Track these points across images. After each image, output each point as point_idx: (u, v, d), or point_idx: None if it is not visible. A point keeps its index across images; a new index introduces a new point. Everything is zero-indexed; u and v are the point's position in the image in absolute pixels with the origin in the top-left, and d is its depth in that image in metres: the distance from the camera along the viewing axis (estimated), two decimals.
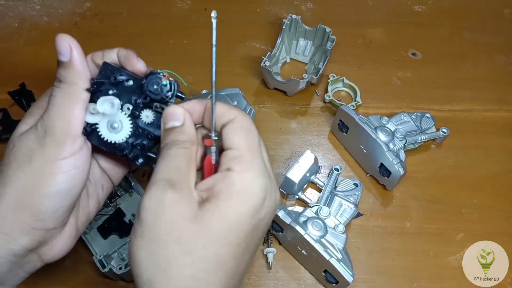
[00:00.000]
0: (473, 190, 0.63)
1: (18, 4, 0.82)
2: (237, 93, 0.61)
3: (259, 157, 0.31)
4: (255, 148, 0.32)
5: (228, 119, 0.33)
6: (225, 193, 0.29)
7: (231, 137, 0.32)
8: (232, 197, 0.29)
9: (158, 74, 0.36)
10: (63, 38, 0.33)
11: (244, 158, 0.30)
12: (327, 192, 0.59)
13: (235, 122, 0.32)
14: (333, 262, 0.50)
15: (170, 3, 0.83)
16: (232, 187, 0.30)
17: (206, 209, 0.29)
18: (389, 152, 0.58)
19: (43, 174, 0.33)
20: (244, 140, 0.31)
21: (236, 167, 0.30)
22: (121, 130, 0.36)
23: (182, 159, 0.31)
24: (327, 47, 0.70)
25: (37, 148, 0.33)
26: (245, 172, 0.30)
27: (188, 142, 0.32)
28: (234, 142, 0.31)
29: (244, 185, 0.30)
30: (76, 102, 0.33)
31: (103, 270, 0.50)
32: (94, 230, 0.55)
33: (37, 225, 0.34)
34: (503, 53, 0.78)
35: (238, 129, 0.32)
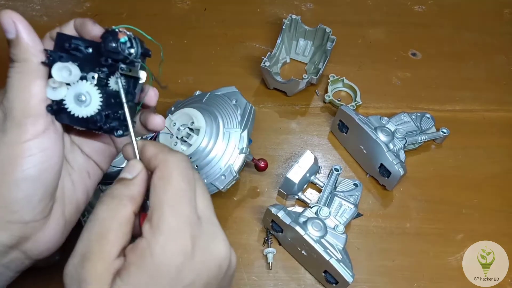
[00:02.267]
0: (473, 190, 0.63)
1: (18, 4, 0.82)
2: (234, 92, 0.61)
3: (175, 213, 0.27)
4: (171, 203, 0.27)
5: (154, 166, 0.29)
6: (135, 265, 0.26)
7: (151, 195, 0.28)
8: (143, 270, 0.26)
9: (113, 31, 0.31)
10: (5, 14, 0.30)
11: (154, 220, 0.27)
12: (327, 193, 0.59)
13: (156, 173, 0.28)
14: (333, 262, 0.50)
15: (170, 3, 0.84)
16: (142, 257, 0.26)
17: (116, 285, 0.26)
18: (389, 153, 0.58)
19: (7, 160, 0.30)
20: (160, 197, 0.27)
21: (146, 233, 0.27)
22: (90, 102, 0.32)
23: (110, 223, 0.27)
24: (327, 47, 0.70)
25: (0, 134, 0.30)
26: (155, 238, 0.26)
27: (127, 198, 0.29)
28: (152, 201, 0.28)
29: (154, 254, 0.26)
30: (32, 79, 0.30)
31: None
32: None
33: (12, 218, 0.31)
34: (503, 53, 0.78)
35: (158, 183, 0.28)
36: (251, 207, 0.60)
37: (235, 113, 0.58)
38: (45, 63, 0.31)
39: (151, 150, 0.30)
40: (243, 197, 0.61)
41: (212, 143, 0.55)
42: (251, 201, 0.61)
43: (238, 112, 0.58)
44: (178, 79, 0.73)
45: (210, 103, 0.59)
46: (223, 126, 0.56)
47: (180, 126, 0.57)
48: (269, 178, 0.63)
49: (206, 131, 0.55)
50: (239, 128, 0.56)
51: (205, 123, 0.55)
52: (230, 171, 0.54)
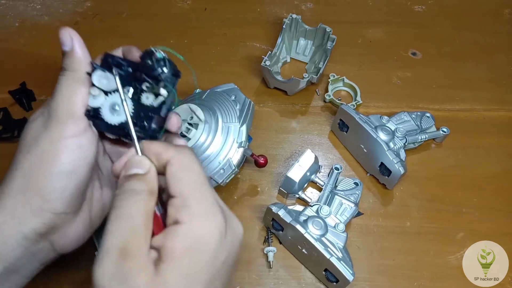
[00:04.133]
0: (473, 190, 0.63)
1: (19, 3, 0.82)
2: (233, 88, 0.61)
3: (206, 197, 0.30)
4: (201, 189, 0.30)
5: (165, 160, 0.31)
6: (178, 249, 0.28)
7: (172, 184, 0.30)
8: (187, 251, 0.28)
9: (151, 51, 0.36)
10: (65, 30, 0.36)
11: (190, 206, 0.29)
12: (327, 191, 0.59)
13: (173, 164, 0.31)
14: (334, 261, 0.50)
15: (170, 3, 0.84)
16: (184, 241, 0.28)
17: (162, 271, 0.27)
18: (389, 151, 0.58)
19: (48, 153, 0.34)
20: (187, 185, 0.30)
21: (184, 218, 0.29)
22: (122, 112, 0.36)
23: (139, 219, 0.29)
24: (328, 47, 0.70)
25: (43, 130, 0.34)
26: (194, 221, 0.29)
27: (146, 192, 0.30)
28: (177, 189, 0.30)
29: (196, 236, 0.28)
30: (78, 85, 0.35)
31: None
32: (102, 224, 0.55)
33: (46, 207, 0.34)
34: (503, 53, 0.78)
35: (178, 173, 0.30)
36: (251, 205, 0.60)
37: (234, 108, 0.58)
38: (89, 73, 0.36)
39: (156, 147, 0.32)
40: (243, 195, 0.61)
41: (211, 138, 0.55)
42: (251, 200, 0.61)
43: (237, 107, 0.58)
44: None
45: (210, 99, 0.59)
46: (222, 121, 0.56)
47: None
48: (269, 177, 0.63)
49: (205, 125, 0.55)
50: (238, 123, 0.56)
51: (204, 118, 0.55)
52: (229, 164, 0.54)
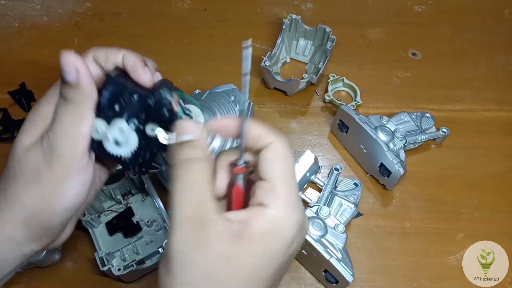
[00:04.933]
0: (473, 190, 0.63)
1: (18, 4, 0.82)
2: (233, 89, 0.61)
3: (294, 190, 0.30)
4: (291, 180, 0.30)
5: (264, 143, 0.31)
6: (259, 230, 0.28)
7: (266, 168, 0.30)
8: (266, 235, 0.28)
9: (166, 100, 0.33)
10: (68, 57, 0.32)
11: (279, 193, 0.29)
12: (327, 192, 0.59)
13: (271, 150, 0.30)
14: (333, 261, 0.50)
15: (170, 3, 0.84)
16: (267, 224, 0.28)
17: (239, 247, 0.28)
18: (389, 152, 0.58)
19: (52, 194, 0.33)
20: (280, 172, 0.30)
21: (272, 203, 0.29)
22: (126, 145, 0.35)
23: (203, 187, 0.29)
24: (327, 47, 0.70)
25: (45, 167, 0.33)
26: (281, 209, 0.29)
27: (203, 159, 0.30)
28: (270, 174, 0.30)
29: (279, 223, 0.29)
30: (83, 122, 0.33)
31: (102, 268, 0.50)
32: (102, 225, 0.55)
33: (47, 234, 0.35)
34: (503, 53, 0.78)
35: (275, 159, 0.30)
36: None
37: (234, 109, 0.58)
38: (97, 107, 0.34)
39: (259, 130, 0.31)
40: None
41: (210, 138, 0.55)
42: None
43: (237, 108, 0.58)
44: (178, 78, 0.73)
45: (209, 100, 0.59)
46: None
47: None
48: None
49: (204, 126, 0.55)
50: None
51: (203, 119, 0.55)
52: None
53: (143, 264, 0.52)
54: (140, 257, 0.52)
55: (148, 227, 0.55)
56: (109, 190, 0.56)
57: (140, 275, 0.54)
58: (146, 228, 0.55)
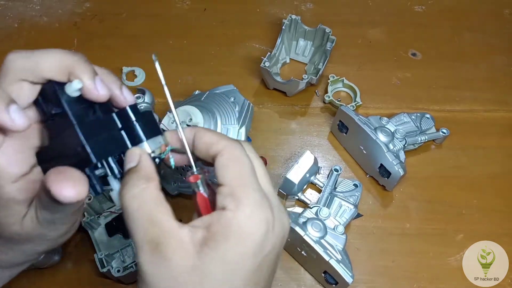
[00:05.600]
0: (473, 191, 0.63)
1: (18, 4, 0.82)
2: (232, 90, 0.61)
3: (254, 189, 0.30)
4: (249, 180, 0.30)
5: (216, 150, 0.31)
6: (222, 234, 0.28)
7: (221, 173, 0.30)
8: (230, 239, 0.28)
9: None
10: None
11: (237, 195, 0.29)
12: (326, 193, 0.59)
13: (223, 155, 0.30)
14: (333, 263, 0.50)
15: (170, 3, 0.83)
16: (229, 227, 0.28)
17: (204, 254, 0.27)
18: (389, 153, 0.58)
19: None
20: (234, 174, 0.30)
21: (230, 205, 0.28)
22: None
23: (151, 207, 0.29)
24: (327, 48, 0.69)
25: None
26: (240, 210, 0.28)
27: (146, 180, 0.29)
28: (225, 178, 0.30)
29: (241, 224, 0.28)
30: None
31: (101, 269, 0.50)
32: (101, 226, 0.55)
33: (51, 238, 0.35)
34: (503, 53, 0.78)
35: (227, 162, 0.30)
36: None
37: (233, 110, 0.58)
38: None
39: (209, 138, 0.31)
40: None
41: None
42: None
43: (236, 109, 0.58)
44: (177, 79, 0.73)
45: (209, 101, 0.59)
46: (221, 123, 0.56)
47: None
48: None
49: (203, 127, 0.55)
50: (237, 124, 0.56)
51: (203, 120, 0.55)
52: None
53: None
54: None
55: None
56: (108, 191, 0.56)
57: None
58: None
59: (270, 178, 0.32)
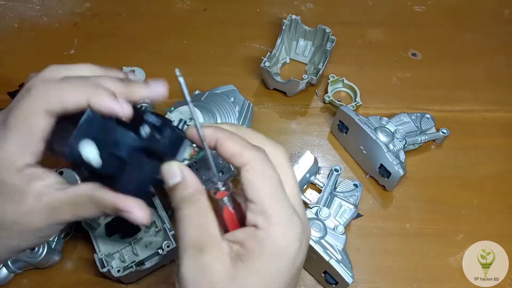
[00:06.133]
0: (473, 191, 0.63)
1: (18, 4, 0.82)
2: (232, 90, 0.61)
3: (283, 206, 0.30)
4: (278, 196, 0.30)
5: (240, 163, 0.31)
6: (258, 251, 0.29)
7: (249, 190, 0.30)
8: (265, 256, 0.29)
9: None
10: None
11: (268, 213, 0.29)
12: (326, 193, 0.59)
13: (248, 170, 0.30)
14: (333, 263, 0.50)
15: (170, 3, 0.83)
16: (264, 245, 0.29)
17: (241, 268, 0.29)
18: (389, 153, 0.58)
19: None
20: (263, 191, 0.30)
21: (263, 224, 0.29)
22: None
23: (198, 217, 0.31)
24: (327, 48, 0.69)
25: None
26: (272, 229, 0.29)
27: (195, 194, 0.31)
28: (254, 195, 0.30)
29: (275, 243, 0.29)
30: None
31: (101, 269, 0.50)
32: (101, 226, 0.55)
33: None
34: (503, 53, 0.78)
35: (255, 178, 0.30)
36: None
37: (233, 110, 0.58)
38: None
39: (232, 149, 0.31)
40: None
41: None
42: None
43: (236, 109, 0.58)
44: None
45: (209, 101, 0.59)
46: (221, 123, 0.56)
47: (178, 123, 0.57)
48: None
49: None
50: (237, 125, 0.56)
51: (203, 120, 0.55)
52: (228, 167, 0.54)
53: (142, 265, 0.52)
54: (139, 259, 0.52)
55: (147, 228, 0.55)
56: None
57: (140, 276, 0.54)
58: (145, 229, 0.55)
59: (298, 186, 0.33)
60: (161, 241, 0.54)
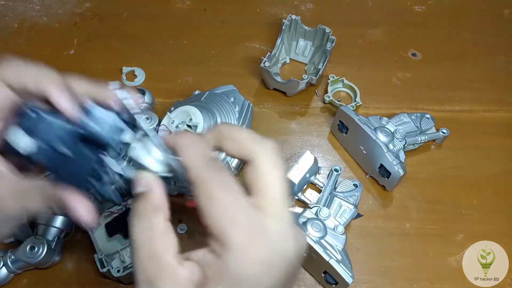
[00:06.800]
0: (473, 191, 0.63)
1: (18, 4, 0.82)
2: (232, 90, 0.61)
3: (248, 217, 0.28)
4: (238, 208, 0.28)
5: (247, 157, 0.30)
6: (215, 279, 0.27)
7: (257, 179, 0.29)
8: (224, 285, 0.27)
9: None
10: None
11: (224, 235, 0.27)
12: (326, 193, 0.59)
13: (257, 169, 0.29)
14: (333, 263, 0.50)
15: (170, 3, 0.83)
16: (221, 273, 0.27)
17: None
18: (389, 153, 0.58)
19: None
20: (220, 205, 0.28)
21: (218, 249, 0.27)
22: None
23: (150, 241, 0.28)
24: (327, 48, 0.69)
25: None
26: (230, 254, 0.27)
27: (153, 212, 0.29)
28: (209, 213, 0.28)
29: (233, 270, 0.27)
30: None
31: (101, 269, 0.50)
32: (101, 226, 0.55)
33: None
34: (503, 53, 0.78)
35: (265, 169, 0.29)
36: None
37: (233, 110, 0.58)
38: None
39: (243, 137, 0.31)
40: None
41: None
42: None
43: (236, 109, 0.58)
44: (177, 79, 0.73)
45: (208, 101, 0.59)
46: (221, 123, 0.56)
47: (178, 124, 0.57)
48: None
49: (203, 127, 0.55)
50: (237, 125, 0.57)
51: (203, 120, 0.56)
52: (228, 167, 0.54)
53: None
54: None
55: None
56: None
57: None
58: None
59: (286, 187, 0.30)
60: None
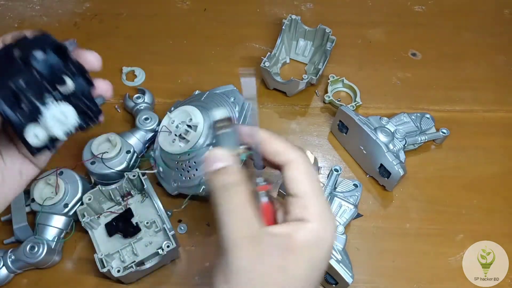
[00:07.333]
0: (473, 191, 0.63)
1: (18, 4, 0.82)
2: (232, 90, 0.61)
3: (323, 201, 0.33)
4: (320, 194, 0.33)
5: (283, 161, 0.33)
6: (305, 242, 0.31)
7: (295, 186, 0.33)
8: (312, 246, 0.31)
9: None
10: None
11: (315, 208, 0.32)
12: (326, 193, 0.59)
13: (295, 169, 0.33)
14: (333, 263, 0.50)
15: (170, 3, 0.83)
16: (311, 237, 0.31)
17: (292, 259, 0.31)
18: (389, 153, 0.58)
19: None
20: (309, 188, 0.33)
21: (310, 218, 0.32)
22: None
23: (246, 208, 0.31)
24: (327, 48, 0.69)
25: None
26: (319, 223, 0.32)
27: (239, 182, 0.32)
28: (300, 190, 0.32)
29: (320, 234, 0.32)
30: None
31: (101, 270, 0.50)
32: (101, 226, 0.55)
33: None
34: (503, 53, 0.78)
35: (301, 176, 0.33)
36: None
37: (233, 110, 0.58)
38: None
39: (277, 147, 0.34)
40: None
41: (210, 139, 0.55)
42: None
43: (236, 109, 0.58)
44: (177, 79, 0.73)
45: (208, 101, 0.59)
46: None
47: (178, 124, 0.57)
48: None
49: (203, 127, 0.55)
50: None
51: (203, 120, 0.55)
52: None
53: (142, 265, 0.52)
54: (139, 259, 0.52)
55: (147, 228, 0.55)
56: (108, 191, 0.56)
57: (140, 276, 0.54)
58: (145, 229, 0.55)
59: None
60: (161, 241, 0.53)
